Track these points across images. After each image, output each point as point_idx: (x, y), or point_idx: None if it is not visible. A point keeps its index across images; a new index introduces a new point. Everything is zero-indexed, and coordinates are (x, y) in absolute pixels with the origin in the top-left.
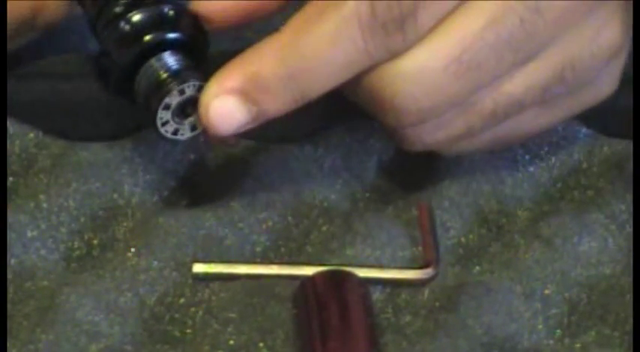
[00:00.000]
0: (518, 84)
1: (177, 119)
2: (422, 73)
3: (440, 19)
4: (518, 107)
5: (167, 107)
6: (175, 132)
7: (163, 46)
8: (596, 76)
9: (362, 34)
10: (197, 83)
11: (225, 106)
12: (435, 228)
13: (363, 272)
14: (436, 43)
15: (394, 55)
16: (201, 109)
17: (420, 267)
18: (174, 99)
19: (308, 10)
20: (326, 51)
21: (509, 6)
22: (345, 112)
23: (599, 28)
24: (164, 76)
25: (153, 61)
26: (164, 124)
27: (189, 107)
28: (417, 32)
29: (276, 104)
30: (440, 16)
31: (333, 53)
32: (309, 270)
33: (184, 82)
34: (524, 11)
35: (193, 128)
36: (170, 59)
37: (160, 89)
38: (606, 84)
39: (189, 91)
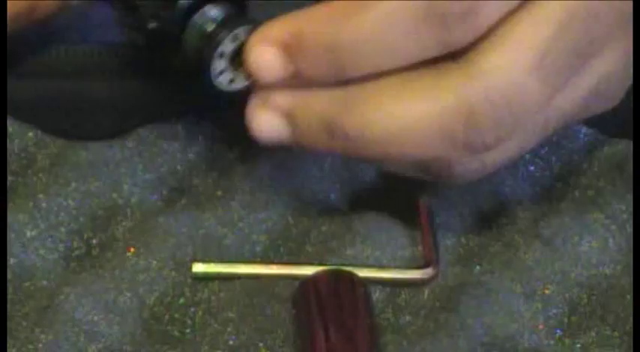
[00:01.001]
0: (567, 97)
1: (232, 67)
2: (504, 76)
3: (503, 20)
4: (563, 122)
5: (221, 55)
6: (231, 82)
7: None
8: (622, 88)
9: (415, 23)
10: (248, 26)
11: (265, 55)
12: (434, 228)
13: (362, 272)
14: (515, 45)
15: (451, 49)
16: (245, 54)
17: (420, 267)
18: (227, 47)
19: None
20: (373, 34)
21: (574, 10)
22: None
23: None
24: (212, 27)
25: (196, 18)
26: (220, 73)
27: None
28: (477, 29)
29: (312, 70)
30: (503, 15)
31: (380, 37)
32: (308, 270)
33: (235, 27)
34: (587, 16)
35: (248, 76)
36: (213, 11)
37: (211, 40)
38: (618, 96)
39: (241, 36)
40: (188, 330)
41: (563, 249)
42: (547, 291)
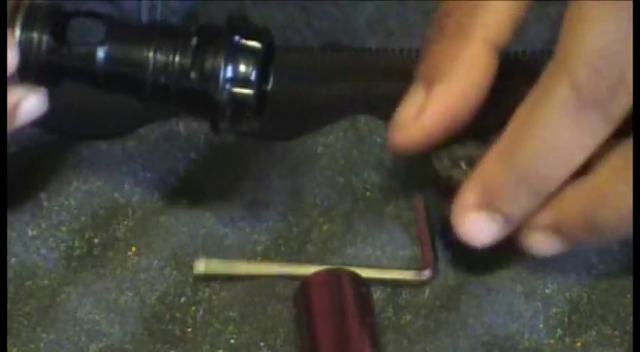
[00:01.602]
0: None
1: None
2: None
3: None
4: None
5: None
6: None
7: None
8: None
9: (575, 118)
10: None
11: (474, 222)
12: (432, 228)
13: (362, 272)
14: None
15: (613, 125)
16: (457, 227)
17: (418, 269)
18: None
19: (519, 111)
20: (546, 146)
21: None
22: (346, 110)
23: None
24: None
25: None
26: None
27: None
28: (630, 92)
29: (518, 207)
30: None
31: (552, 142)
32: (309, 270)
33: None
34: None
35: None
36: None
37: None
38: None
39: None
40: (189, 329)
41: None
42: (547, 290)
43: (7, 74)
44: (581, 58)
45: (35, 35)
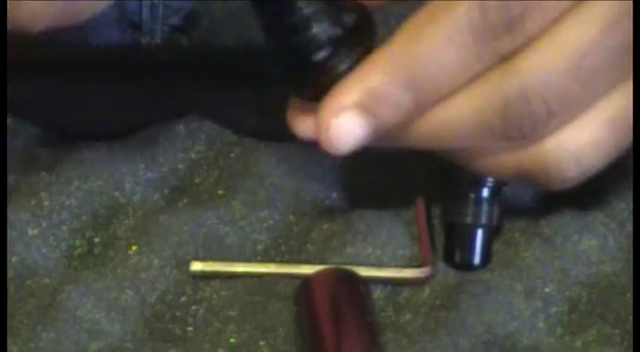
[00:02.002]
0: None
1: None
2: (546, 75)
3: (551, 22)
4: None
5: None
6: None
7: None
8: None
9: (473, 39)
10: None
11: (345, 123)
12: (431, 227)
13: (360, 271)
14: (555, 45)
15: (501, 58)
16: (320, 130)
17: (417, 266)
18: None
19: (418, 17)
20: (438, 57)
21: (621, 10)
22: None
23: None
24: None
25: None
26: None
27: None
28: (526, 35)
29: (395, 114)
30: (549, 19)
31: (445, 59)
32: (309, 269)
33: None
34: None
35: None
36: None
37: None
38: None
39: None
40: (190, 328)
41: (563, 248)
42: (547, 289)
43: None
44: None
45: None
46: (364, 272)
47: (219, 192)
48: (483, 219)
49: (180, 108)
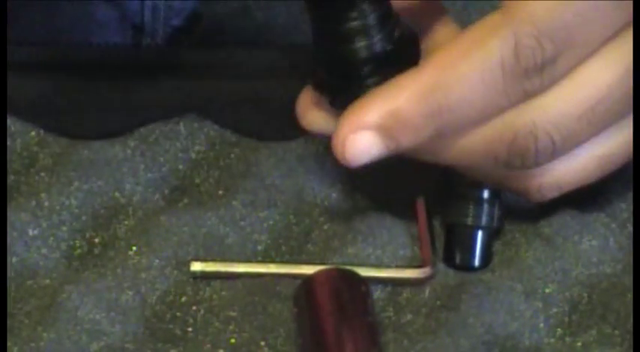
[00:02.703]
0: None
1: None
2: (560, 117)
3: (577, 64)
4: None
5: None
6: None
7: None
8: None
9: (503, 77)
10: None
11: (362, 141)
12: (432, 227)
13: (361, 272)
14: (573, 88)
15: (528, 97)
16: (337, 142)
17: (418, 267)
18: None
19: (450, 48)
20: (468, 92)
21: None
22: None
23: None
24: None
25: None
26: None
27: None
28: (554, 77)
29: (414, 139)
30: (578, 61)
31: (473, 94)
32: (310, 269)
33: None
34: None
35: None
36: None
37: None
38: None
39: None
40: (190, 329)
41: (563, 248)
42: (548, 290)
43: None
44: (532, 24)
45: None
46: (364, 272)
47: (220, 192)
48: (484, 221)
49: (180, 108)
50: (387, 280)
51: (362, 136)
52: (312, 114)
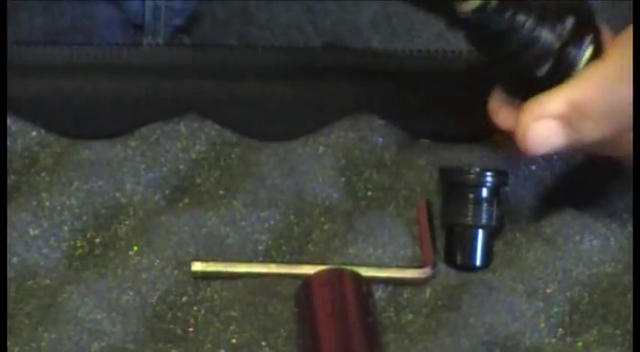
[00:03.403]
0: None
1: None
2: None
3: None
4: None
5: None
6: None
7: None
8: None
9: None
10: None
11: (545, 130)
12: (433, 227)
13: (362, 272)
14: None
15: None
16: (520, 129)
17: (419, 267)
18: None
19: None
20: None
21: None
22: (347, 109)
23: None
24: None
25: None
26: None
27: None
28: None
29: (595, 132)
30: None
31: None
32: (310, 269)
33: None
34: None
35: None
36: None
37: None
38: None
39: None
40: (191, 329)
41: (564, 248)
42: (548, 290)
43: None
44: None
45: None
46: (365, 272)
47: (220, 192)
48: (483, 220)
49: (180, 109)
50: (388, 280)
51: (544, 125)
52: (503, 112)
